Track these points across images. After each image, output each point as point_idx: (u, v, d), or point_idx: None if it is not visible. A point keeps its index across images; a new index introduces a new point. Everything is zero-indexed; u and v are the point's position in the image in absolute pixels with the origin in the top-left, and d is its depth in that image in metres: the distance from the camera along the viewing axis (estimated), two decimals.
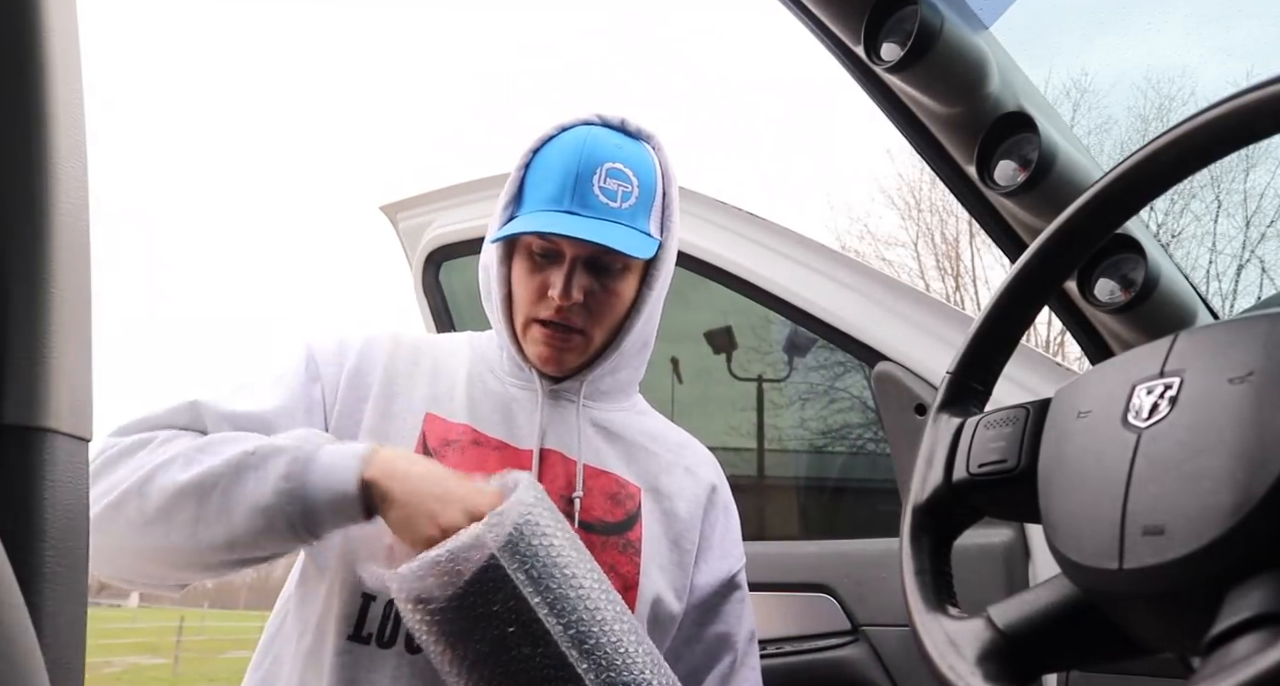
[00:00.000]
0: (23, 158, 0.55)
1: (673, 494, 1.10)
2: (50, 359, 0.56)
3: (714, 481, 1.16)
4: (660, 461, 1.11)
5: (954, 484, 0.62)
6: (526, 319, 1.04)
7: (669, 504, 1.09)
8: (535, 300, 1.03)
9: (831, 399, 2.44)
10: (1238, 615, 0.42)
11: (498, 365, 1.09)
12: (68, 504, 0.59)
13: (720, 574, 1.11)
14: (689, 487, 1.12)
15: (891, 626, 1.49)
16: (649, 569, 1.04)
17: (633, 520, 1.05)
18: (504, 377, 1.08)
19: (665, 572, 1.05)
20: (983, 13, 1.04)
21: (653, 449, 1.12)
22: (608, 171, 1.00)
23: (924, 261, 14.24)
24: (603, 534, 1.02)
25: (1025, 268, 0.65)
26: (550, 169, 1.01)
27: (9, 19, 0.54)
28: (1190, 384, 0.49)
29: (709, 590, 1.10)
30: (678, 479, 1.11)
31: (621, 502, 1.05)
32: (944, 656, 0.55)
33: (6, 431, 0.54)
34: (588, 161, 1.00)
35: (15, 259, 0.55)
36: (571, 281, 1.00)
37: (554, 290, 1.00)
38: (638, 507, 1.06)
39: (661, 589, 1.04)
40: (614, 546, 1.02)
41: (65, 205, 0.58)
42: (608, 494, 1.05)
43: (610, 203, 1.00)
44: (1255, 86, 0.51)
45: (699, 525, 1.11)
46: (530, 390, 1.07)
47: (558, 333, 1.03)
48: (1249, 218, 9.05)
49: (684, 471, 1.13)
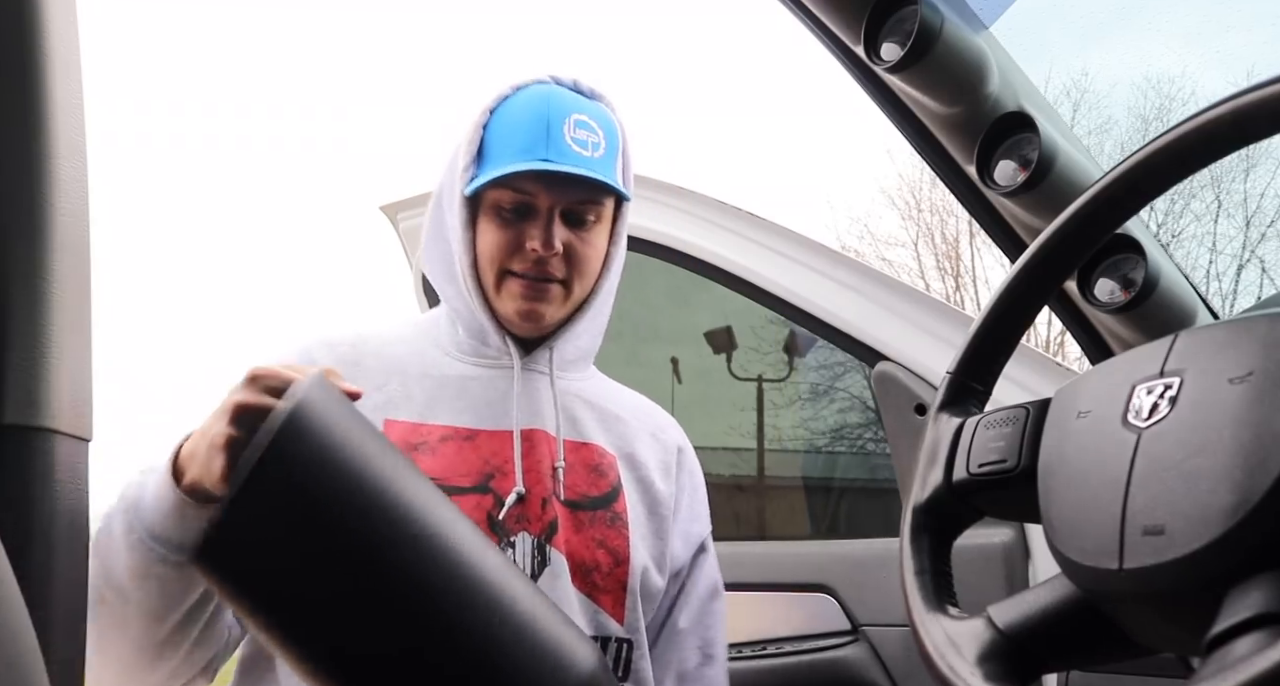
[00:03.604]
0: (23, 158, 0.55)
1: (646, 461, 1.07)
2: (50, 359, 0.56)
3: (680, 443, 1.12)
4: (630, 428, 1.08)
5: (954, 484, 0.62)
6: (500, 273, 0.99)
7: (644, 472, 1.06)
8: (509, 255, 0.98)
9: (831, 399, 2.44)
10: (1237, 615, 0.42)
11: (453, 344, 1.04)
12: (68, 504, 0.59)
13: (692, 538, 1.09)
14: (658, 453, 1.09)
15: (891, 626, 1.49)
16: (635, 541, 1.01)
17: (616, 491, 1.02)
18: (463, 357, 1.03)
19: (646, 543, 1.03)
20: (983, 13, 1.04)
21: (622, 416, 1.09)
22: (576, 122, 0.97)
23: (924, 261, 14.25)
24: (589, 509, 0.99)
25: (1025, 268, 0.65)
26: (517, 123, 0.97)
27: (9, 19, 0.54)
28: (1190, 384, 0.49)
29: (683, 557, 1.08)
30: (648, 445, 1.09)
31: (604, 473, 1.02)
32: (944, 656, 0.55)
33: (6, 431, 0.54)
34: (557, 111, 0.97)
35: (15, 259, 0.55)
36: (551, 231, 0.96)
37: (533, 242, 0.96)
38: (618, 479, 1.03)
39: (647, 561, 1.01)
40: (601, 520, 0.99)
41: (65, 205, 0.58)
42: (589, 466, 1.02)
43: (582, 151, 0.97)
44: (1255, 87, 0.51)
45: (671, 489, 1.08)
46: (495, 367, 1.02)
47: (537, 283, 0.98)
48: (1249, 218, 9.02)
49: (651, 437, 1.10)
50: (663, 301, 2.06)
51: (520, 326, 1.01)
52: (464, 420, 0.98)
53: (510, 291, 0.99)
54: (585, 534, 0.97)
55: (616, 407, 1.09)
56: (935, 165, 1.14)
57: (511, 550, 0.93)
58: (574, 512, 0.97)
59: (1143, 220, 1.16)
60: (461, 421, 0.98)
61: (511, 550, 0.93)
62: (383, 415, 0.96)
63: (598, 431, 1.05)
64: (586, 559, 0.97)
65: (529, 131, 0.96)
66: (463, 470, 0.95)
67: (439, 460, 0.95)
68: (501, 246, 0.97)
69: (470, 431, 0.98)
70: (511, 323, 1.01)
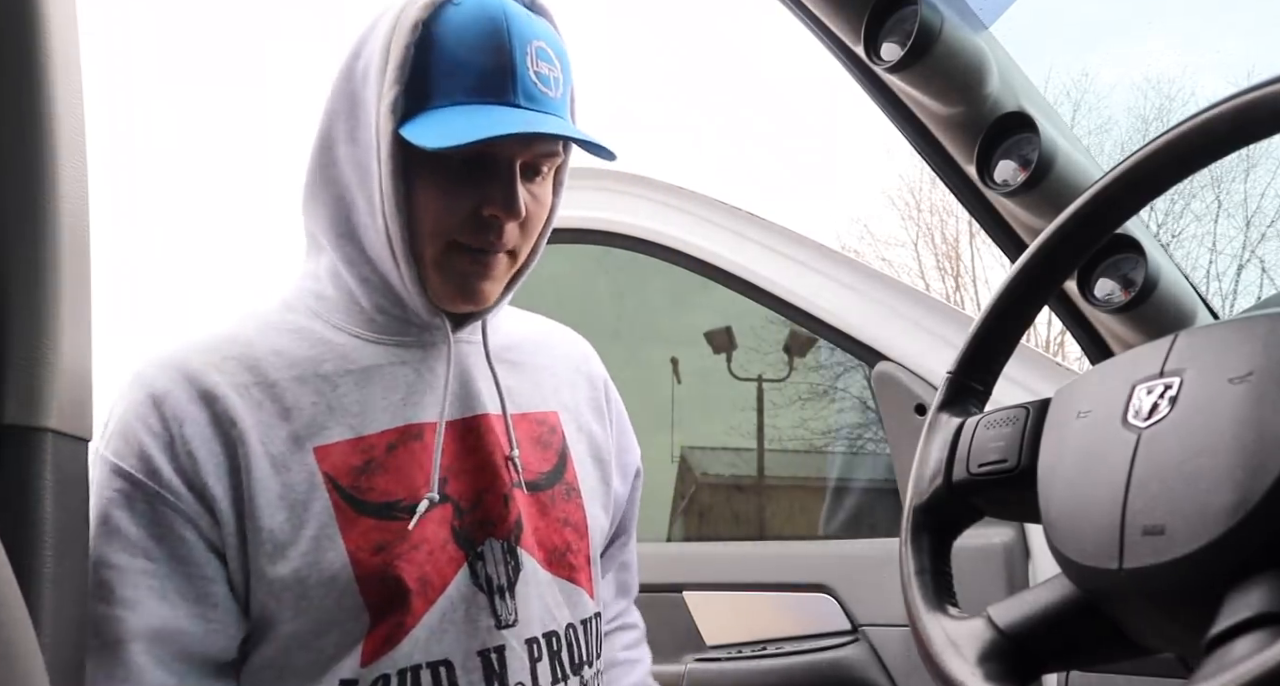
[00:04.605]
0: (23, 157, 0.55)
1: (579, 406, 0.96)
2: (50, 359, 0.56)
3: (603, 374, 1.01)
4: (560, 375, 0.96)
5: (954, 484, 0.62)
6: (444, 245, 0.79)
7: (582, 419, 0.96)
8: (461, 224, 0.78)
9: (831, 399, 2.44)
10: (1237, 615, 0.42)
11: (361, 323, 0.84)
12: (68, 504, 0.59)
13: (629, 471, 1.02)
14: (587, 391, 0.98)
15: (891, 626, 1.50)
16: (590, 505, 0.92)
17: (564, 459, 0.92)
18: (379, 338, 0.84)
19: (598, 499, 0.94)
20: (983, 13, 1.04)
21: (550, 363, 0.95)
22: (537, 51, 0.78)
23: (924, 261, 14.26)
24: (547, 488, 0.88)
25: (1025, 268, 0.65)
26: (465, 48, 0.76)
27: (9, 19, 0.54)
28: (1190, 384, 0.49)
29: (623, 492, 1.01)
30: (579, 387, 0.97)
31: (548, 442, 0.91)
32: (944, 656, 0.55)
33: (6, 431, 0.54)
34: (517, 39, 0.77)
35: (15, 259, 0.55)
36: (515, 192, 0.78)
37: (494, 208, 0.77)
38: (563, 440, 0.92)
39: (601, 520, 0.94)
40: (560, 496, 0.89)
41: (65, 205, 0.58)
42: (534, 439, 0.89)
43: (547, 90, 0.78)
44: (1255, 86, 0.51)
45: (609, 429, 0.99)
46: (419, 346, 0.85)
47: (484, 256, 0.80)
48: (1249, 218, 9.05)
49: (578, 375, 0.98)
50: (663, 301, 2.06)
51: (456, 305, 0.83)
52: (404, 417, 0.82)
53: (452, 266, 0.80)
54: (550, 516, 0.88)
55: (542, 354, 0.95)
56: (935, 165, 1.14)
57: (481, 561, 0.82)
58: (535, 496, 0.87)
59: (1143, 220, 1.16)
60: (401, 420, 0.81)
61: (481, 561, 0.82)
62: (310, 443, 0.78)
63: (535, 391, 0.92)
64: (558, 542, 0.88)
65: (483, 65, 0.76)
66: (421, 479, 0.80)
67: (391, 475, 0.80)
68: (451, 213, 0.78)
69: (416, 427, 0.82)
70: (444, 300, 0.82)
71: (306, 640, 0.78)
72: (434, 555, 0.80)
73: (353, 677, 0.77)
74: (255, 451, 0.76)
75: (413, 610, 0.78)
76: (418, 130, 0.75)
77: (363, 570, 0.77)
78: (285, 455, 0.77)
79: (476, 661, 0.80)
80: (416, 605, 0.79)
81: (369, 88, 0.78)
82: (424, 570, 0.79)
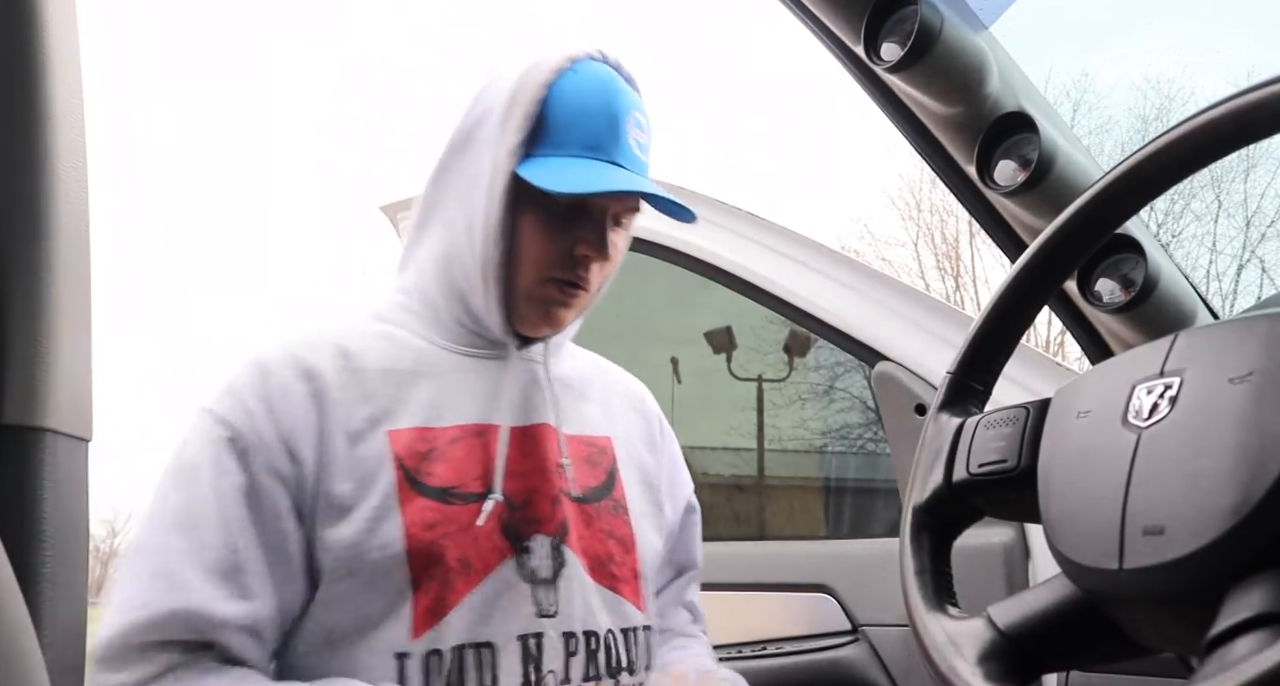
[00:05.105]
0: (23, 157, 0.55)
1: (632, 436, 1.05)
2: (50, 359, 0.56)
3: (658, 412, 1.11)
4: (615, 406, 1.06)
5: (954, 484, 0.62)
6: (541, 278, 0.91)
7: (634, 448, 1.04)
8: (558, 260, 0.90)
9: (831, 399, 2.44)
10: (1238, 615, 0.42)
11: (439, 332, 0.95)
12: (67, 504, 0.59)
13: (680, 503, 1.09)
14: (641, 425, 1.07)
15: (891, 626, 1.50)
16: (639, 523, 0.99)
17: (613, 477, 1.00)
18: (453, 347, 0.95)
19: (648, 519, 1.02)
20: (983, 13, 1.04)
21: (605, 395, 1.05)
22: (634, 120, 0.92)
23: (924, 261, 14.26)
24: (594, 501, 0.96)
25: (1025, 268, 0.65)
26: (585, 109, 0.89)
27: (9, 19, 0.54)
28: (1190, 384, 0.49)
29: (675, 522, 1.08)
30: (633, 420, 1.06)
31: (597, 462, 0.99)
32: (944, 656, 0.55)
33: (6, 431, 0.54)
34: (622, 106, 0.91)
35: (15, 259, 0.55)
36: (606, 237, 0.91)
37: (587, 249, 0.90)
38: (614, 462, 1.00)
39: (652, 537, 1.01)
40: (606, 510, 0.97)
41: (65, 205, 0.58)
42: (584, 457, 0.98)
43: (640, 155, 0.92)
44: (1255, 86, 0.51)
45: (661, 460, 1.07)
46: (489, 358, 0.95)
47: (573, 291, 0.92)
48: (1249, 218, 9.06)
49: (634, 410, 1.08)
50: (663, 301, 2.06)
51: (537, 329, 0.95)
52: (470, 417, 0.92)
53: (542, 296, 0.92)
54: (595, 527, 0.95)
55: (599, 387, 1.06)
56: (935, 165, 1.14)
57: (528, 554, 0.89)
58: (581, 506, 0.95)
59: (1143, 220, 1.16)
60: (468, 418, 0.92)
61: (528, 554, 0.89)
62: (385, 427, 0.88)
63: (589, 417, 1.02)
64: (601, 552, 0.94)
65: (598, 126, 0.89)
66: (474, 472, 0.90)
67: (450, 465, 0.89)
68: (553, 248, 0.90)
69: (480, 427, 0.92)
70: (526, 324, 0.94)
71: (354, 606, 0.85)
72: (479, 542, 0.87)
73: (405, 650, 0.84)
74: (338, 425, 0.87)
75: (454, 588, 0.86)
76: (538, 173, 0.87)
77: (414, 544, 0.85)
78: (362, 432, 0.87)
79: (515, 645, 0.87)
80: (458, 584, 0.86)
81: (485, 129, 0.91)
82: (466, 553, 0.87)
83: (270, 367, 0.88)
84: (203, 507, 0.83)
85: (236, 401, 0.86)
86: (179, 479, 0.85)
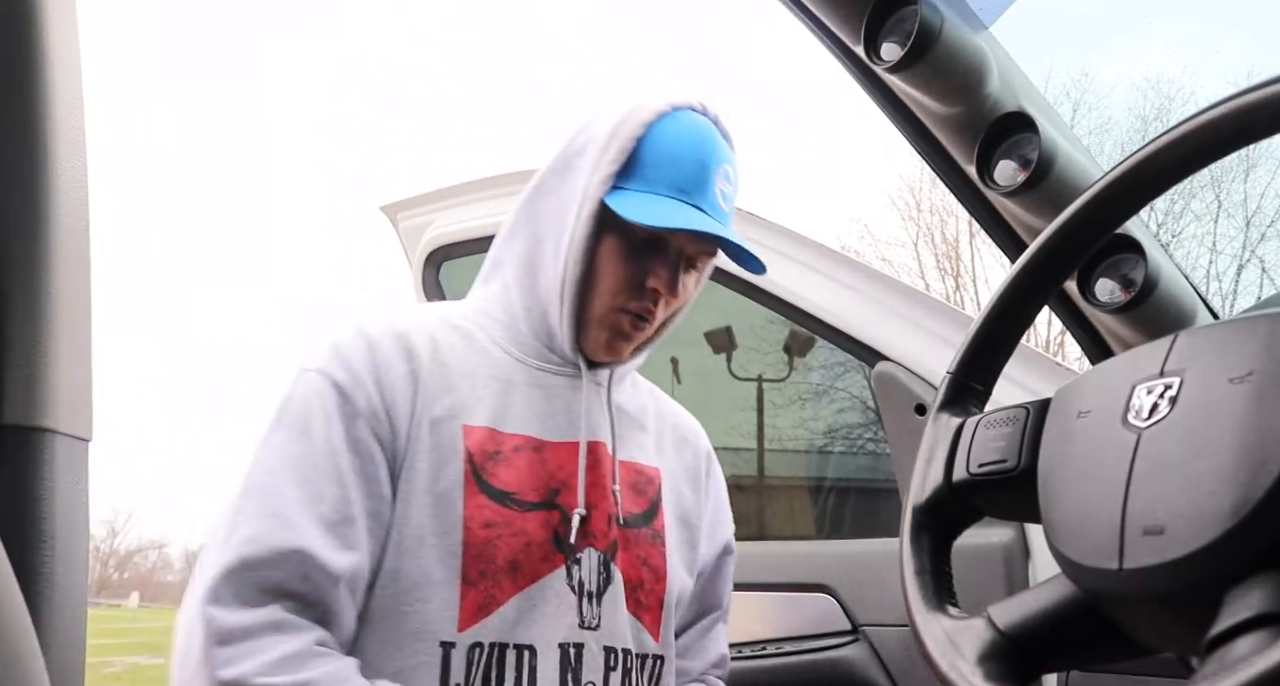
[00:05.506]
0: (23, 158, 0.55)
1: (676, 471, 1.08)
2: (50, 359, 0.56)
3: (707, 448, 1.14)
4: (666, 439, 1.09)
5: (954, 484, 0.62)
6: (611, 307, 0.95)
7: (677, 483, 1.07)
8: (630, 288, 0.95)
9: (831, 399, 2.44)
10: (1238, 615, 0.42)
11: (515, 344, 0.99)
12: (67, 504, 0.59)
13: (718, 543, 1.11)
14: (689, 461, 1.10)
15: (891, 626, 1.50)
16: (672, 556, 1.02)
17: (655, 507, 1.03)
18: (526, 360, 0.99)
19: (680, 553, 1.04)
20: (983, 13, 1.04)
21: (658, 426, 1.09)
22: (724, 173, 0.97)
23: (924, 261, 14.26)
24: (635, 527, 0.99)
25: (1025, 267, 0.64)
26: (678, 153, 0.94)
27: (9, 19, 0.54)
28: (1190, 384, 0.49)
29: (709, 561, 1.10)
30: (680, 454, 1.09)
31: (643, 490, 1.02)
32: (944, 656, 0.55)
33: (6, 431, 0.54)
34: (715, 158, 0.96)
35: (15, 259, 0.55)
36: (678, 275, 0.96)
37: (657, 282, 0.94)
38: (658, 492, 1.04)
39: (682, 572, 1.04)
40: (644, 538, 0.99)
41: (65, 205, 0.58)
42: (631, 484, 1.01)
43: (723, 204, 0.97)
44: (1255, 86, 0.51)
45: (702, 498, 1.10)
46: (557, 375, 0.99)
47: (639, 323, 0.96)
48: (1249, 218, 9.05)
49: (683, 444, 1.11)
50: None
51: (599, 355, 0.99)
52: (533, 429, 0.96)
53: (612, 325, 0.96)
54: (632, 552, 0.97)
55: (654, 418, 1.09)
56: (935, 165, 1.14)
57: (578, 566, 0.93)
58: (623, 530, 0.97)
59: (1143, 220, 1.16)
60: (530, 430, 0.95)
61: (578, 566, 0.93)
62: (460, 420, 0.93)
63: (639, 446, 1.05)
64: (633, 577, 0.97)
65: (687, 170, 0.94)
66: (533, 483, 0.93)
67: (513, 471, 0.92)
68: (624, 278, 0.95)
69: (539, 442, 0.95)
70: (593, 348, 0.98)
71: (406, 587, 0.88)
72: (530, 549, 0.91)
73: (451, 641, 0.87)
74: (425, 408, 0.92)
75: (502, 587, 0.89)
76: (623, 204, 0.92)
77: (470, 537, 0.89)
78: (442, 420, 0.92)
79: (556, 652, 0.90)
80: (506, 585, 0.89)
81: (584, 158, 0.96)
82: (518, 557, 0.90)
83: (377, 340, 0.93)
84: (316, 459, 0.87)
85: (347, 368, 0.91)
86: (290, 432, 0.89)
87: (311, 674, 0.81)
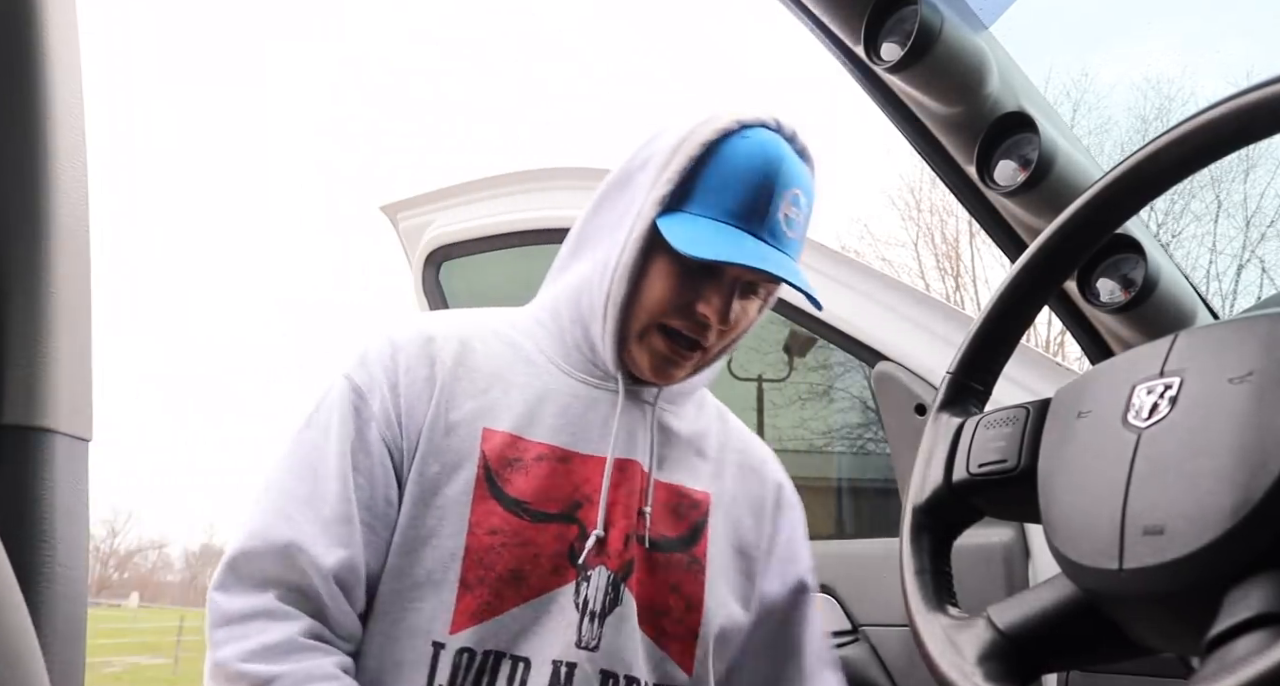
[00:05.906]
0: (23, 158, 0.55)
1: (737, 497, 1.03)
2: (50, 359, 0.56)
3: (780, 480, 1.09)
4: (725, 464, 1.04)
5: (954, 484, 0.62)
6: (651, 324, 0.93)
7: (734, 509, 1.02)
8: (675, 310, 0.92)
9: (831, 399, 2.44)
10: (1238, 615, 0.42)
11: (559, 353, 0.98)
12: (67, 504, 0.59)
13: (789, 579, 1.05)
14: (754, 489, 1.05)
15: (891, 626, 1.49)
16: (715, 586, 0.97)
17: (697, 533, 0.98)
18: (567, 371, 0.97)
19: (731, 583, 0.99)
20: (983, 13, 1.04)
21: (717, 451, 1.04)
22: (793, 197, 0.92)
23: (924, 261, 14.26)
24: (666, 551, 0.95)
25: (1025, 267, 0.64)
26: (738, 177, 0.91)
27: (9, 19, 0.54)
28: (1190, 384, 0.49)
29: (779, 597, 1.04)
30: (742, 481, 1.04)
31: (684, 514, 0.98)
32: (944, 656, 0.55)
33: (6, 431, 0.54)
34: (781, 183, 0.91)
35: (15, 259, 0.55)
36: (730, 304, 0.92)
37: (707, 309, 0.91)
38: (703, 518, 0.99)
39: (729, 603, 0.99)
40: (678, 564, 0.95)
41: (65, 205, 0.58)
42: (669, 507, 0.97)
43: (788, 232, 0.93)
44: (1255, 86, 0.51)
45: (766, 529, 1.04)
46: (599, 388, 0.97)
47: (684, 347, 0.93)
48: (1249, 218, 9.06)
49: (750, 471, 1.06)
50: None
51: (644, 373, 0.96)
52: (560, 440, 0.94)
53: (653, 345, 0.94)
54: (659, 577, 0.94)
55: (716, 443, 1.05)
56: (935, 165, 1.14)
57: (586, 584, 0.90)
58: (650, 553, 0.94)
59: (1143, 220, 1.16)
60: (558, 441, 0.94)
61: (586, 584, 0.90)
62: (482, 423, 0.92)
63: (689, 469, 1.01)
64: (658, 602, 0.93)
65: (745, 196, 0.90)
66: (552, 494, 0.91)
67: (531, 480, 0.91)
68: (670, 300, 0.92)
69: (565, 452, 0.93)
70: (637, 367, 0.96)
71: (406, 585, 0.89)
72: (539, 562, 0.89)
73: (442, 642, 0.87)
74: (442, 410, 0.92)
75: (504, 596, 0.88)
76: (674, 229, 0.90)
77: (473, 542, 0.88)
78: (461, 423, 0.92)
79: (549, 668, 0.88)
80: (509, 594, 0.88)
81: (644, 174, 0.94)
82: (522, 567, 0.89)
83: (400, 345, 0.95)
84: (327, 459, 0.90)
85: (367, 372, 0.93)
86: (312, 433, 0.93)
87: (285, 667, 0.82)
